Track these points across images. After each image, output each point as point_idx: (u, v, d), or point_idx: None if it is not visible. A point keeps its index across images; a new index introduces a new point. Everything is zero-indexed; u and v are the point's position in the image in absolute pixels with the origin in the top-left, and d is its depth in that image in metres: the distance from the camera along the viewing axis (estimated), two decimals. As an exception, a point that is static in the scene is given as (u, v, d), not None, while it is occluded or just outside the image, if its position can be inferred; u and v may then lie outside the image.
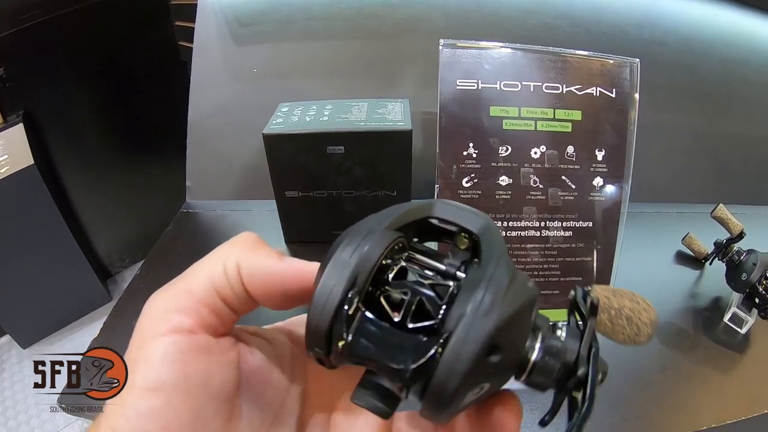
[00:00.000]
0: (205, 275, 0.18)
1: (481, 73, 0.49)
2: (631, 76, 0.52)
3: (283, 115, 0.60)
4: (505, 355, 0.16)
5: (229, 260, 0.18)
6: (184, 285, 0.18)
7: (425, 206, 0.19)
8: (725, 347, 0.60)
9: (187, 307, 0.17)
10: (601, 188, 0.52)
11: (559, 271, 0.53)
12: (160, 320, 0.17)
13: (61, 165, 1.21)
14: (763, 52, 0.83)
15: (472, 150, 0.49)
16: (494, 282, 0.16)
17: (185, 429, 0.16)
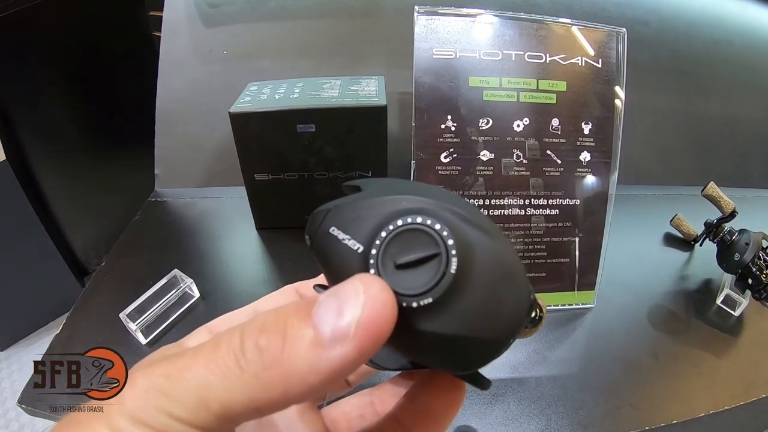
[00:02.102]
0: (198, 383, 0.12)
1: (459, 41, 0.46)
2: (617, 47, 0.49)
3: (252, 94, 0.56)
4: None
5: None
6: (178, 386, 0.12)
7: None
8: (719, 330, 0.57)
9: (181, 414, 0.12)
10: (589, 163, 0.49)
11: (546, 252, 0.50)
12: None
13: (35, 161, 1.17)
14: (745, 32, 0.82)
15: (450, 123, 0.46)
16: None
17: None
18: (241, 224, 0.61)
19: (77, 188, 1.25)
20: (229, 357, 0.12)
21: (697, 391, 0.51)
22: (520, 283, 0.14)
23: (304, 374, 0.11)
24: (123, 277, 0.55)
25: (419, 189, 0.15)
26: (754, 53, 0.83)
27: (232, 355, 0.12)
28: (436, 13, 0.46)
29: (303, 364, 0.11)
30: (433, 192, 0.15)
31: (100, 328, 0.50)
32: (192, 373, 0.12)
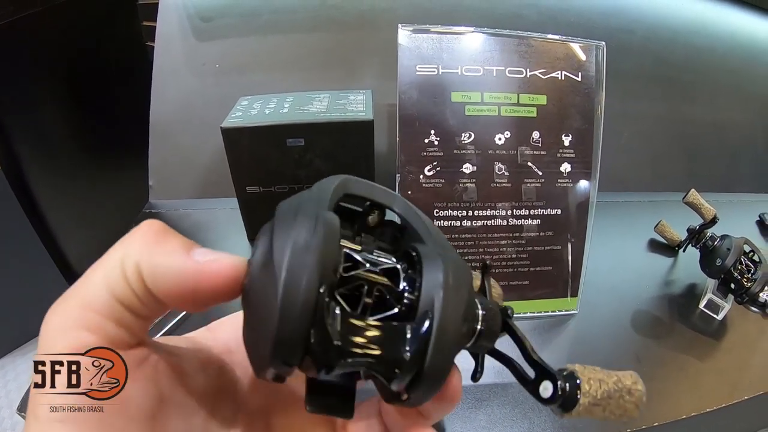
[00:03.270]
0: (103, 283, 0.15)
1: (441, 58, 0.48)
2: (596, 60, 0.51)
3: (243, 109, 0.57)
4: (469, 324, 0.17)
5: (127, 261, 0.15)
6: (82, 297, 0.15)
7: (343, 184, 0.18)
8: (702, 334, 0.59)
9: (88, 323, 0.15)
10: (569, 174, 0.51)
11: (529, 261, 0.52)
12: (61, 338, 0.15)
13: (29, 170, 1.16)
14: (728, 39, 0.84)
15: (434, 137, 0.47)
16: (448, 254, 0.16)
17: None
18: (233, 235, 0.63)
19: (72, 197, 1.25)
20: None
21: (681, 394, 0.52)
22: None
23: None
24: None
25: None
26: (737, 59, 0.84)
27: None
28: (418, 30, 0.47)
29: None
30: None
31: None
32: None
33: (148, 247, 0.16)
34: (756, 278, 0.58)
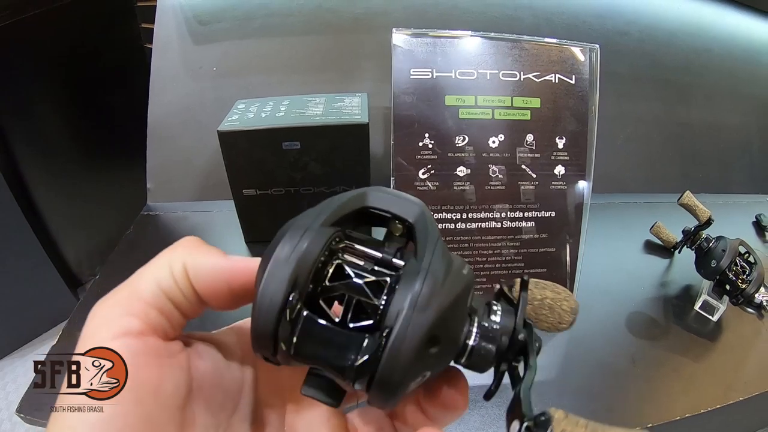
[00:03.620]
0: (152, 279, 0.18)
1: (435, 61, 0.48)
2: (590, 62, 0.51)
3: (239, 112, 0.58)
4: (444, 344, 0.16)
5: (174, 262, 0.18)
6: (131, 289, 0.17)
7: (359, 196, 0.19)
8: (697, 335, 0.59)
9: (135, 310, 0.17)
10: (563, 177, 0.51)
11: (523, 263, 0.52)
12: (107, 325, 0.16)
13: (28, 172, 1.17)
14: (724, 40, 0.84)
15: (428, 140, 0.48)
16: (431, 274, 0.16)
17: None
18: (230, 237, 0.63)
19: (70, 200, 1.26)
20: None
21: (676, 395, 0.52)
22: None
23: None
24: (116, 290, 0.57)
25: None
26: (733, 61, 0.84)
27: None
28: (413, 34, 0.48)
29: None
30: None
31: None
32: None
33: (192, 251, 0.18)
34: (751, 279, 0.59)
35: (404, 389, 0.16)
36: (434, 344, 0.16)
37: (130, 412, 0.15)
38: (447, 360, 0.18)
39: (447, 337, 0.16)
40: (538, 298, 0.21)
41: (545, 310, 0.21)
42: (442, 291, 0.16)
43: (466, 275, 0.17)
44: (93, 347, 0.16)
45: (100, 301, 0.17)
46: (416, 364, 0.15)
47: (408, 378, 0.16)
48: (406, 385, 0.16)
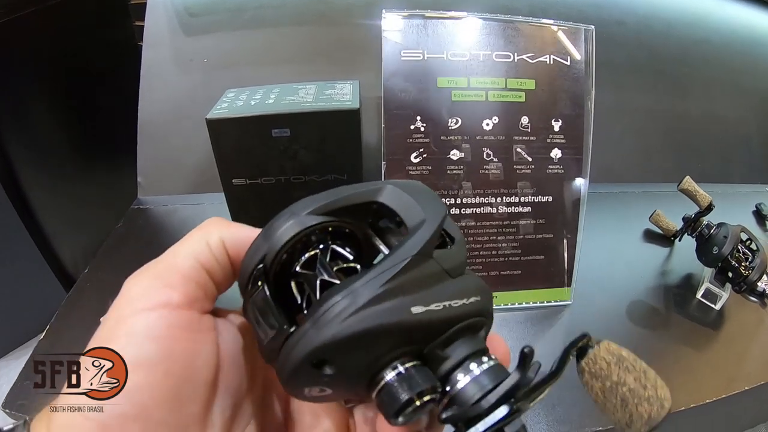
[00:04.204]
0: (189, 252, 0.18)
1: (426, 43, 0.47)
2: (586, 43, 0.50)
3: (229, 101, 0.57)
4: (341, 370, 0.15)
5: (211, 236, 0.18)
6: (169, 262, 0.18)
7: (372, 190, 0.19)
8: (699, 324, 0.57)
9: (174, 282, 0.17)
10: (560, 160, 0.50)
11: (520, 250, 0.51)
12: (145, 295, 0.16)
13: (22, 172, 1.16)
14: (723, 31, 0.83)
15: (420, 123, 0.47)
16: (350, 296, 0.15)
17: (164, 412, 0.15)
18: (221, 230, 0.62)
19: (66, 200, 1.25)
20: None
21: (677, 386, 0.51)
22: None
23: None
24: (105, 284, 0.56)
25: None
26: (732, 52, 0.83)
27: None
28: (403, 15, 0.47)
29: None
30: None
31: (82, 334, 0.50)
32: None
33: (225, 225, 0.19)
34: (754, 266, 0.57)
35: (299, 393, 0.16)
36: (323, 366, 0.15)
37: (159, 383, 0.15)
38: (355, 387, 0.17)
39: (345, 365, 0.15)
40: (614, 380, 0.17)
41: (615, 399, 0.17)
42: (346, 320, 0.15)
43: (416, 315, 0.15)
44: (130, 314, 0.16)
45: (136, 273, 0.17)
46: (302, 377, 0.16)
47: (295, 385, 0.16)
48: (300, 390, 0.16)
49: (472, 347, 0.17)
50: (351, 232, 0.19)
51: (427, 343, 0.16)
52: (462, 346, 0.16)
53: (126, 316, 0.16)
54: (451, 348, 0.16)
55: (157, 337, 0.16)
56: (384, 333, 0.15)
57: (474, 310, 0.17)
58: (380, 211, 0.19)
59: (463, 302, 0.16)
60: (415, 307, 0.15)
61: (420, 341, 0.16)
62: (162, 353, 0.16)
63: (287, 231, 0.17)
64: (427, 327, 0.16)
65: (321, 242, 0.18)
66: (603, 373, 0.17)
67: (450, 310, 0.16)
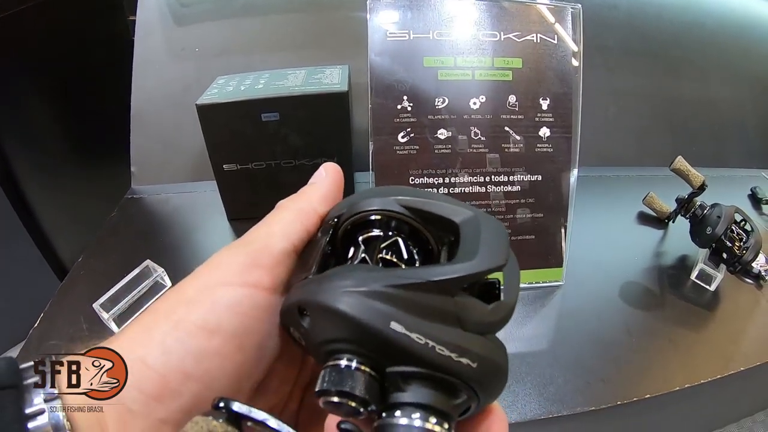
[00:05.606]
0: (284, 235, 0.18)
1: (412, 23, 0.47)
2: (573, 22, 0.50)
3: (219, 87, 0.57)
4: (313, 329, 0.16)
5: (302, 213, 0.19)
6: (263, 243, 0.18)
7: (454, 210, 0.18)
8: (694, 305, 0.57)
9: (266, 264, 0.17)
10: (549, 139, 0.50)
11: (510, 230, 0.50)
12: (238, 271, 0.17)
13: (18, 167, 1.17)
14: (716, 14, 0.82)
15: (407, 103, 0.46)
16: (358, 279, 0.15)
17: (223, 382, 0.16)
18: (213, 216, 0.62)
19: (62, 194, 1.25)
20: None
21: (673, 366, 0.50)
22: None
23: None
24: (98, 272, 0.56)
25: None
26: (726, 35, 0.83)
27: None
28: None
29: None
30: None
31: (75, 320, 0.51)
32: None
33: (312, 197, 0.20)
34: (748, 246, 0.57)
35: (286, 328, 0.18)
36: (304, 316, 0.16)
37: (230, 354, 0.16)
38: (316, 351, 0.17)
39: (317, 328, 0.16)
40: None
41: None
42: (337, 295, 0.15)
43: (392, 330, 0.15)
44: (218, 284, 0.17)
45: (230, 247, 0.18)
46: (291, 318, 0.17)
47: (286, 320, 0.17)
48: (286, 326, 0.18)
49: (432, 401, 0.15)
50: (425, 238, 0.19)
51: (392, 364, 0.15)
52: (424, 394, 0.15)
53: (213, 285, 0.16)
54: (412, 387, 0.15)
55: (241, 313, 0.16)
56: (356, 325, 0.15)
57: (460, 372, 0.15)
58: (451, 227, 0.18)
59: (450, 356, 0.15)
60: (395, 324, 0.15)
61: (387, 358, 0.15)
62: (241, 329, 0.16)
63: (370, 203, 0.18)
64: (399, 350, 0.15)
65: (391, 229, 0.19)
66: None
67: (431, 353, 0.15)
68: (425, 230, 0.19)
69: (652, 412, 0.52)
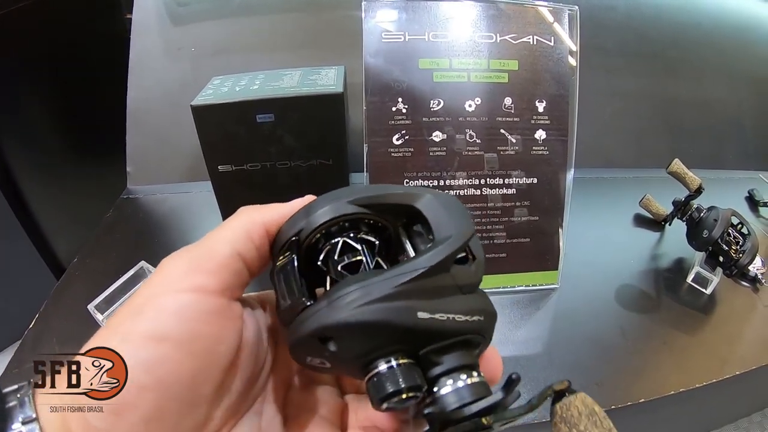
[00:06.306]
0: (228, 240, 0.18)
1: (408, 24, 0.47)
2: (570, 24, 0.50)
3: (214, 87, 0.57)
4: (342, 350, 0.17)
5: (251, 223, 0.19)
6: (207, 248, 0.18)
7: (412, 195, 0.20)
8: (690, 308, 0.57)
9: (211, 268, 0.17)
10: (544, 141, 0.49)
11: (505, 233, 0.50)
12: (181, 277, 0.17)
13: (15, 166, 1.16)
14: (713, 15, 0.82)
15: (402, 105, 0.46)
16: (369, 288, 0.16)
17: (179, 389, 0.16)
18: (209, 217, 0.62)
19: (60, 194, 1.25)
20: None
21: (668, 369, 0.50)
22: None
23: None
24: (94, 272, 0.56)
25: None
26: (723, 36, 0.83)
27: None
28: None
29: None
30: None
31: (70, 321, 0.50)
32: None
33: (260, 210, 0.19)
34: (745, 250, 0.57)
35: (300, 358, 0.18)
36: (327, 342, 0.17)
37: (182, 361, 0.16)
38: (351, 368, 0.18)
39: (347, 347, 0.17)
40: (581, 429, 0.18)
41: None
42: (360, 308, 0.16)
43: (421, 319, 0.16)
44: (163, 293, 0.17)
45: (174, 255, 0.18)
46: (310, 346, 0.17)
47: (303, 351, 0.18)
48: (302, 356, 0.18)
49: (464, 360, 0.17)
50: (384, 227, 0.20)
51: (425, 346, 0.17)
52: (456, 357, 0.17)
53: (159, 294, 0.17)
54: (445, 356, 0.17)
55: (188, 318, 0.16)
56: (387, 328, 0.16)
57: (474, 328, 0.18)
58: (415, 216, 0.20)
59: (466, 319, 0.17)
60: (421, 313, 0.16)
61: (418, 343, 0.17)
62: (189, 334, 0.16)
63: (327, 212, 0.18)
64: (428, 332, 0.17)
65: (354, 230, 0.19)
66: (573, 420, 0.18)
67: (453, 323, 0.17)
68: (383, 220, 0.20)
69: (647, 414, 0.52)
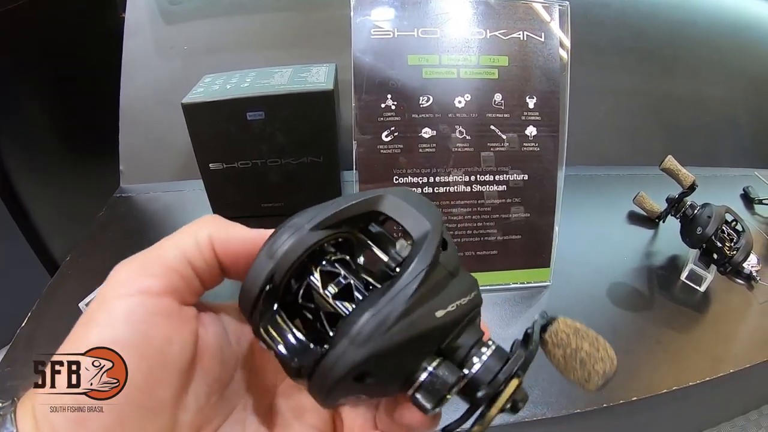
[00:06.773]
0: (176, 245, 0.18)
1: (397, 20, 0.46)
2: (561, 20, 0.49)
3: (205, 85, 0.57)
4: (379, 378, 0.17)
5: (200, 233, 0.19)
6: (155, 253, 0.18)
7: (371, 200, 0.19)
8: (684, 306, 0.57)
9: (157, 272, 0.17)
10: (535, 138, 0.49)
11: (496, 230, 0.50)
12: (128, 281, 0.17)
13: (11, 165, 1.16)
14: (708, 13, 0.82)
15: (390, 102, 0.46)
16: (387, 308, 0.16)
17: (135, 393, 0.16)
18: (200, 215, 0.60)
19: (55, 193, 1.25)
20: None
21: (661, 368, 0.50)
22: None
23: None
24: (86, 271, 0.56)
25: None
26: (719, 33, 0.82)
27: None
28: (373, -7, 0.46)
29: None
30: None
31: (62, 320, 0.50)
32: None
33: (217, 224, 0.19)
34: (739, 247, 0.56)
35: (333, 402, 0.17)
36: (364, 378, 0.16)
37: (134, 364, 0.16)
38: (389, 389, 0.18)
39: (384, 374, 0.17)
40: (573, 347, 0.20)
41: (575, 362, 0.20)
42: (387, 332, 0.16)
43: (440, 318, 0.17)
44: (112, 298, 0.17)
45: (124, 261, 0.18)
46: (345, 388, 0.16)
47: (338, 396, 0.17)
48: (335, 399, 0.17)
49: (476, 335, 0.19)
50: (345, 239, 0.20)
51: (445, 339, 0.18)
52: (469, 335, 0.18)
53: (108, 299, 0.17)
54: (461, 338, 0.18)
55: (135, 321, 0.16)
56: (417, 341, 0.17)
57: (475, 304, 0.19)
58: (372, 218, 0.20)
59: (468, 298, 0.18)
60: (438, 312, 0.17)
61: (441, 339, 0.18)
62: (138, 337, 0.16)
63: (295, 249, 0.18)
64: (449, 326, 0.18)
65: (323, 255, 0.19)
66: (564, 342, 0.20)
67: (461, 308, 0.18)
68: (344, 234, 0.19)
69: (641, 413, 0.52)
